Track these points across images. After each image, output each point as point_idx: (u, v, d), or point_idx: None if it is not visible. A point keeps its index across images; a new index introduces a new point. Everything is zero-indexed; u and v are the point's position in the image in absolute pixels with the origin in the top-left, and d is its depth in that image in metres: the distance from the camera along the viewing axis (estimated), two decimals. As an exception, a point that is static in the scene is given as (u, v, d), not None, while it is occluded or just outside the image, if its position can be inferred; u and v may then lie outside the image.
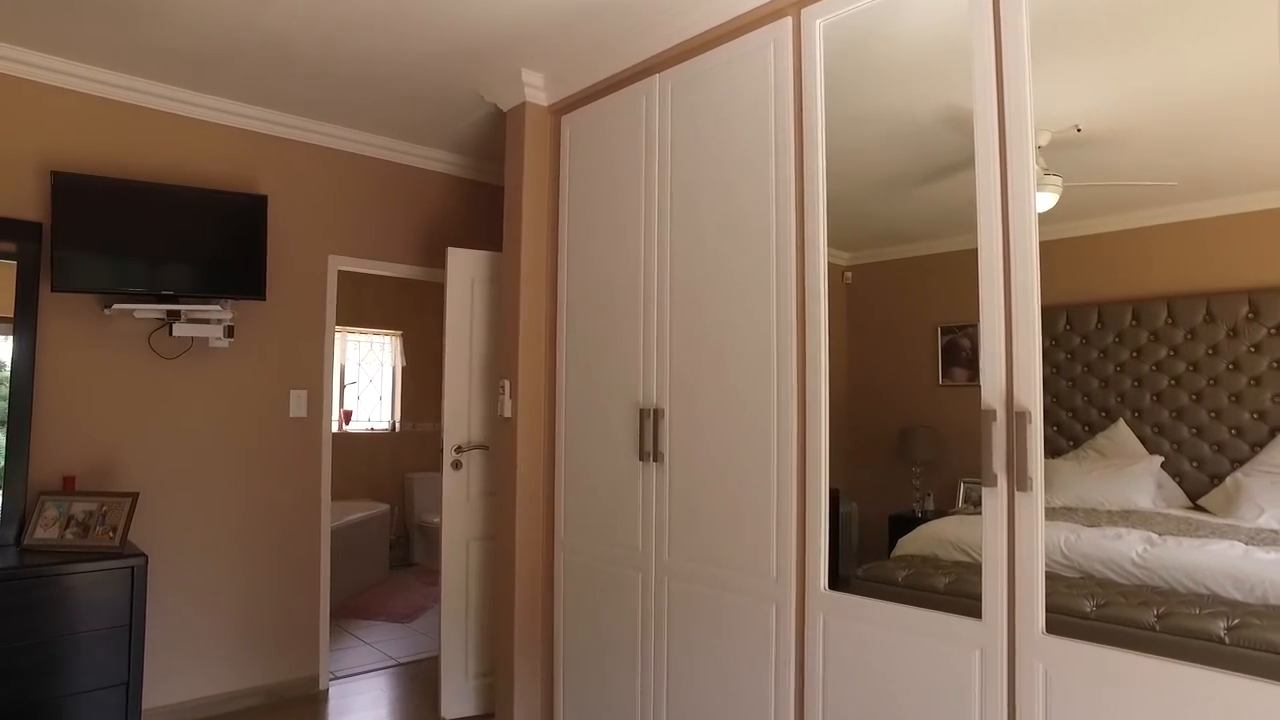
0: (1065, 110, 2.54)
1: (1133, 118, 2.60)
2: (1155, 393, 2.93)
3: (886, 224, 3.12)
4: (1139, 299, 2.98)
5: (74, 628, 2.77)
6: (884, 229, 3.13)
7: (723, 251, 2.57)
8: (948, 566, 2.62)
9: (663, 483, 2.73)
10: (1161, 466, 2.86)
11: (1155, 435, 2.92)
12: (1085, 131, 2.59)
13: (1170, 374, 2.90)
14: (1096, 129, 2.60)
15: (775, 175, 2.42)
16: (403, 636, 4.77)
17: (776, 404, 2.38)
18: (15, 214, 3.16)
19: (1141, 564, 2.44)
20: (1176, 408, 2.86)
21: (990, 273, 1.91)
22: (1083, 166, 2.69)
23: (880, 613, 2.12)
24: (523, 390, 3.28)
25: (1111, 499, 2.91)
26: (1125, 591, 2.34)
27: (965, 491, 2.95)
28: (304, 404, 3.85)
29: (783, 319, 2.37)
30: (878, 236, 3.12)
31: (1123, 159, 2.73)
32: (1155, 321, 2.95)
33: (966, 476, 2.86)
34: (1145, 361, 2.97)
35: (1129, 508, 2.86)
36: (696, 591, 2.59)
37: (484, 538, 3.61)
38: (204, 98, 3.55)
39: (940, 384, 3.01)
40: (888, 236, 3.12)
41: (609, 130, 3.05)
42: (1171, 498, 2.83)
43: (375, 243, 4.14)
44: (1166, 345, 2.92)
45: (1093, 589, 2.36)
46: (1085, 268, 2.98)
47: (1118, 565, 2.47)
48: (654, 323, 2.80)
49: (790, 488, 2.33)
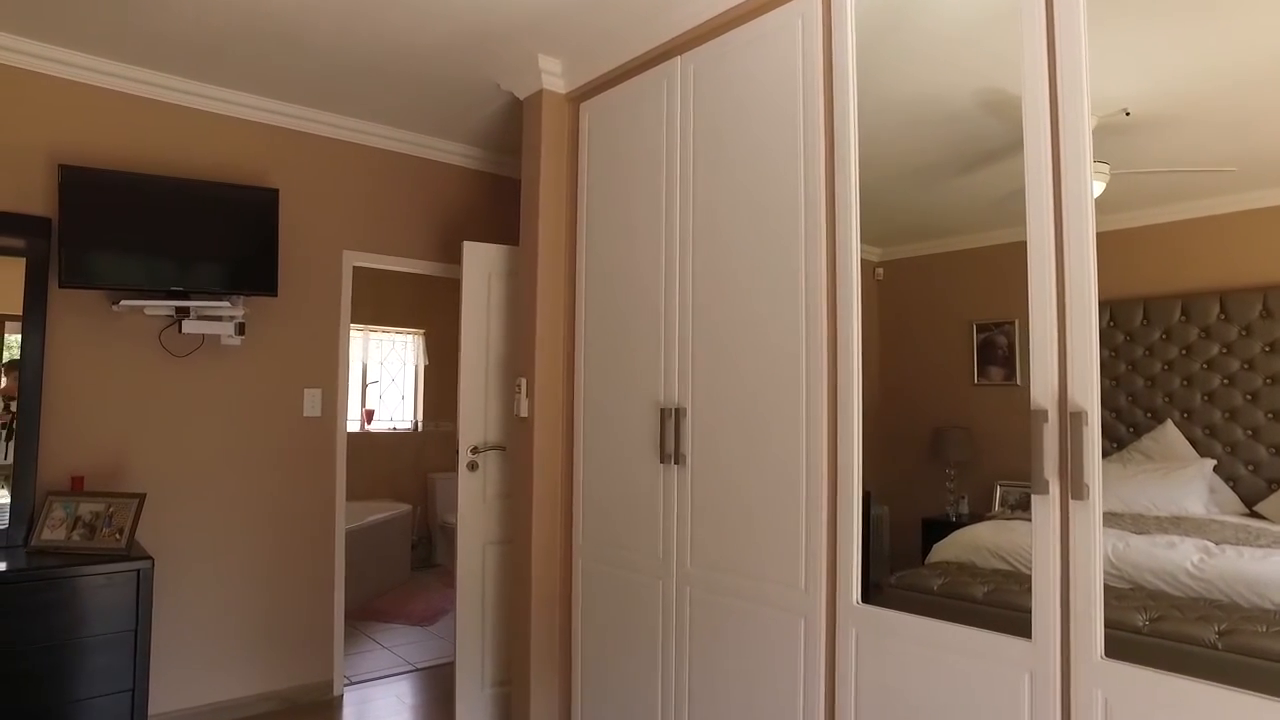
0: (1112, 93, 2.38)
1: (1185, 100, 2.44)
2: (1206, 392, 2.76)
3: (919, 218, 2.99)
4: (1189, 293, 2.80)
5: (78, 632, 2.69)
6: (916, 223, 2.99)
7: (748, 242, 2.43)
8: (986, 575, 2.49)
9: (684, 486, 2.59)
10: (1214, 470, 2.69)
11: (1206, 437, 2.74)
12: (1134, 115, 2.43)
13: (1223, 372, 2.72)
14: (1146, 113, 2.43)
15: (803, 161, 2.28)
16: (422, 640, 4.68)
17: (805, 403, 2.24)
18: (24, 209, 3.10)
19: (1198, 575, 2.27)
20: (1230, 408, 2.69)
21: (1041, 263, 1.75)
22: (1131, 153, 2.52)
23: (918, 629, 1.97)
24: (540, 389, 3.16)
25: (1160, 504, 2.74)
26: (1180, 605, 2.18)
27: (1002, 495, 2.84)
28: (318, 403, 3.76)
29: (812, 314, 2.23)
30: (910, 231, 2.99)
31: (1174, 145, 2.56)
32: (1207, 317, 2.77)
33: (1003, 479, 2.75)
34: (1195, 359, 2.79)
35: (1179, 514, 2.69)
36: (720, 602, 2.45)
37: (501, 542, 3.49)
38: (214, 89, 3.47)
39: (975, 383, 2.90)
40: (920, 231, 2.99)
41: (628, 117, 2.93)
42: (1225, 503, 2.65)
43: (391, 238, 4.05)
44: (1219, 342, 2.74)
45: (1144, 601, 2.20)
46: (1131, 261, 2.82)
47: (1171, 576, 2.30)
48: (675, 318, 2.67)
49: (820, 493, 2.19)
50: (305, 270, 3.76)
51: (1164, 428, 2.83)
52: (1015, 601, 2.21)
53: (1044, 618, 1.71)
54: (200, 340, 3.44)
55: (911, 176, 2.85)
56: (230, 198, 3.34)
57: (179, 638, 3.37)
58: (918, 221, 2.98)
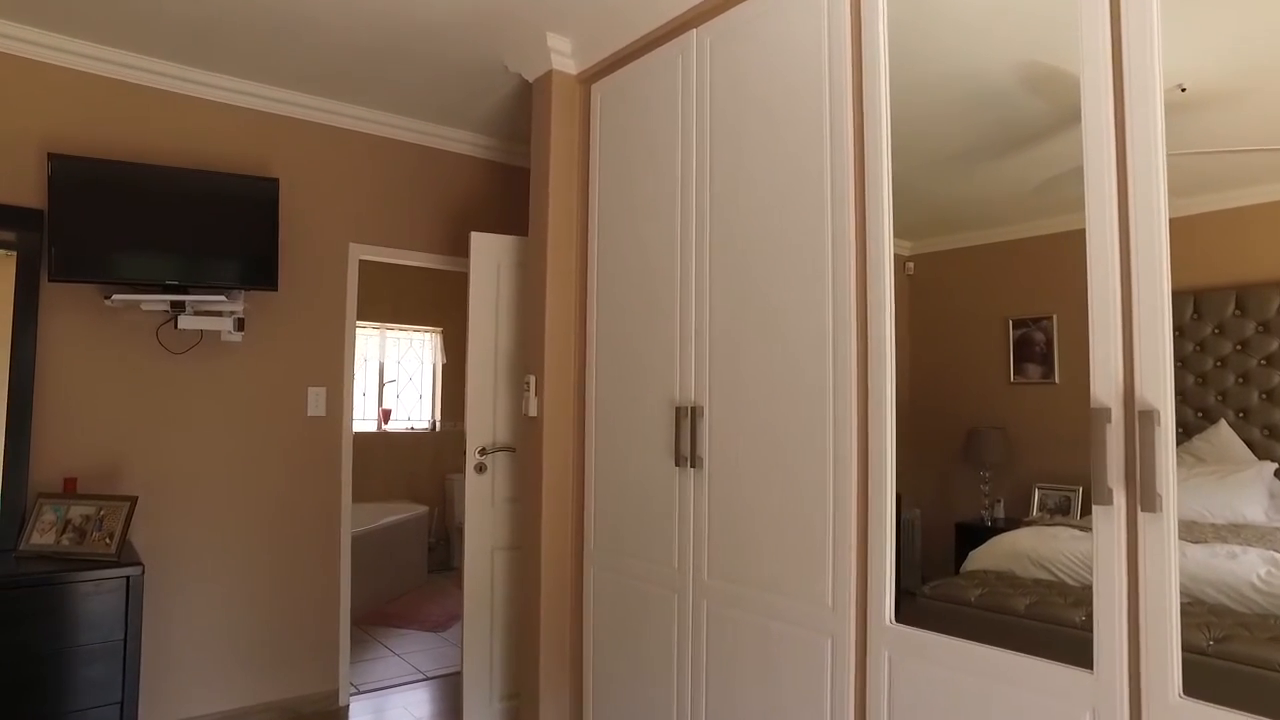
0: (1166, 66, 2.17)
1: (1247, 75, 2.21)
2: (1265, 391, 2.53)
3: (953, 208, 2.80)
4: (1245, 285, 2.58)
5: (64, 642, 2.56)
6: (949, 214, 2.80)
7: (770, 228, 2.24)
8: (1027, 585, 2.29)
9: (701, 491, 2.40)
10: (1275, 474, 2.47)
11: (1266, 439, 2.52)
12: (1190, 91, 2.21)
13: (1284, 369, 2.49)
14: (1203, 88, 2.21)
15: (830, 139, 2.08)
16: (434, 647, 4.53)
17: (833, 403, 2.04)
18: (15, 201, 2.98)
19: (1267, 589, 2.05)
20: (1292, 407, 2.46)
21: (1102, 247, 1.54)
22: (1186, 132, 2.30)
23: (959, 654, 1.77)
24: (549, 386, 2.98)
25: (1216, 511, 2.52)
26: (1248, 623, 1.96)
27: (1040, 498, 2.66)
28: (323, 402, 3.62)
29: (839, 304, 2.04)
30: (941, 223, 2.80)
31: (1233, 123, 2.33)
32: (1265, 311, 2.54)
33: (1041, 481, 2.57)
34: (1252, 356, 2.56)
35: (1238, 521, 2.47)
36: (739, 618, 2.26)
37: (509, 547, 3.32)
38: (212, 76, 3.33)
39: (1011, 381, 2.73)
40: (953, 222, 2.81)
41: (643, 96, 2.74)
42: (1289, 509, 2.43)
43: (399, 230, 3.90)
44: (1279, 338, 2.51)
45: (1207, 618, 1.99)
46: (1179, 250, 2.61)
47: (1234, 590, 2.09)
48: (692, 310, 2.48)
49: (849, 501, 1.99)
50: (309, 264, 3.61)
51: (1217, 428, 2.62)
52: (1061, 615, 2.02)
53: (1108, 647, 1.50)
54: (199, 337, 3.31)
55: (943, 164, 2.66)
56: (228, 188, 3.20)
57: (176, 646, 3.24)
58: (949, 213, 2.80)
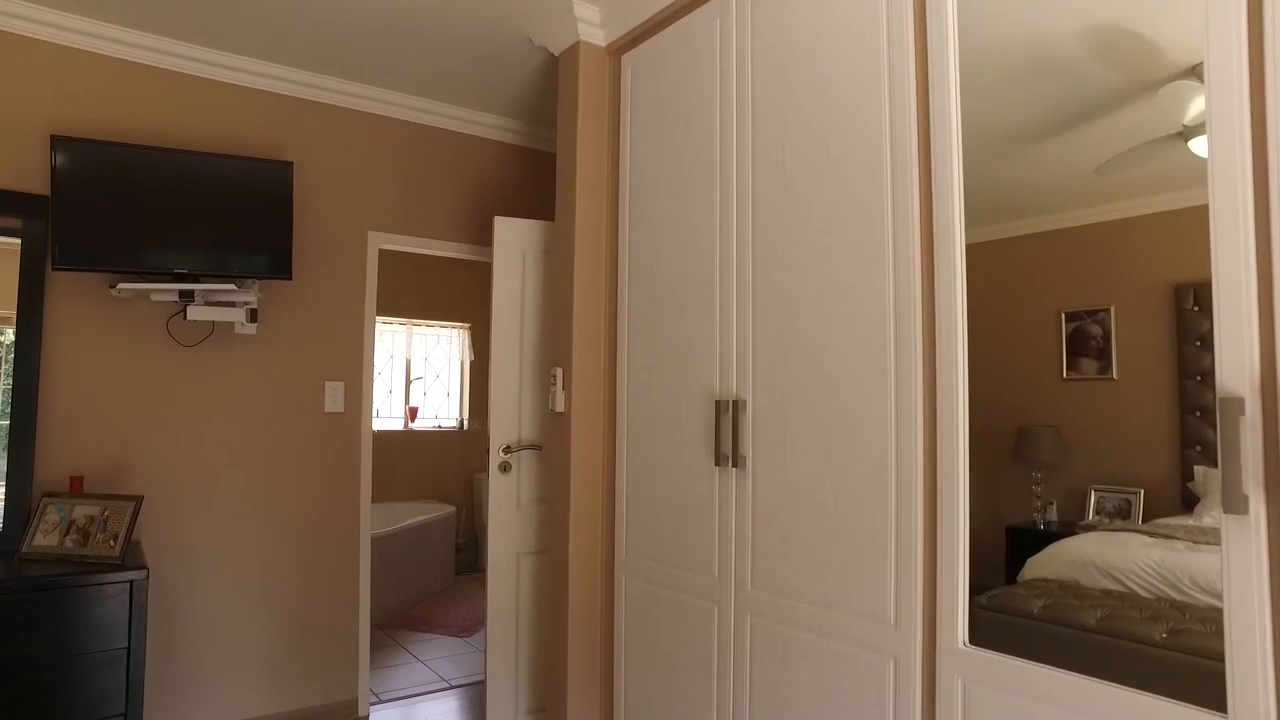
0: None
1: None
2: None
3: (1001, 194, 2.57)
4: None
5: (65, 650, 2.41)
6: (998, 201, 2.57)
7: (822, 206, 2.01)
8: (1095, 597, 2.05)
9: (744, 493, 2.18)
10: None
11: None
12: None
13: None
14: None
15: (889, 105, 1.85)
16: (460, 653, 4.35)
17: (894, 394, 1.81)
18: (19, 186, 2.85)
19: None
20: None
21: (1233, 215, 1.29)
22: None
23: (1051, 684, 1.52)
24: (578, 379, 2.78)
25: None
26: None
27: (1097, 502, 2.43)
28: (341, 397, 3.45)
29: (902, 287, 1.80)
30: (989, 210, 2.57)
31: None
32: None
33: (1097, 483, 2.34)
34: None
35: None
36: (788, 634, 2.03)
37: (536, 552, 3.13)
38: (223, 56, 3.18)
39: (1064, 378, 2.50)
40: (1002, 210, 2.58)
41: (677, 65, 2.52)
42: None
43: (419, 218, 3.72)
44: None
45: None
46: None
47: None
48: (733, 296, 2.25)
49: (914, 506, 1.76)
50: (326, 253, 3.45)
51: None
52: (1137, 631, 1.78)
53: (1248, 689, 1.25)
54: (210, 328, 3.15)
55: (993, 145, 2.41)
56: (240, 172, 3.04)
57: (186, 652, 3.09)
58: (998, 200, 2.56)
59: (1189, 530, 1.84)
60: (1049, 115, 2.24)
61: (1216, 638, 1.57)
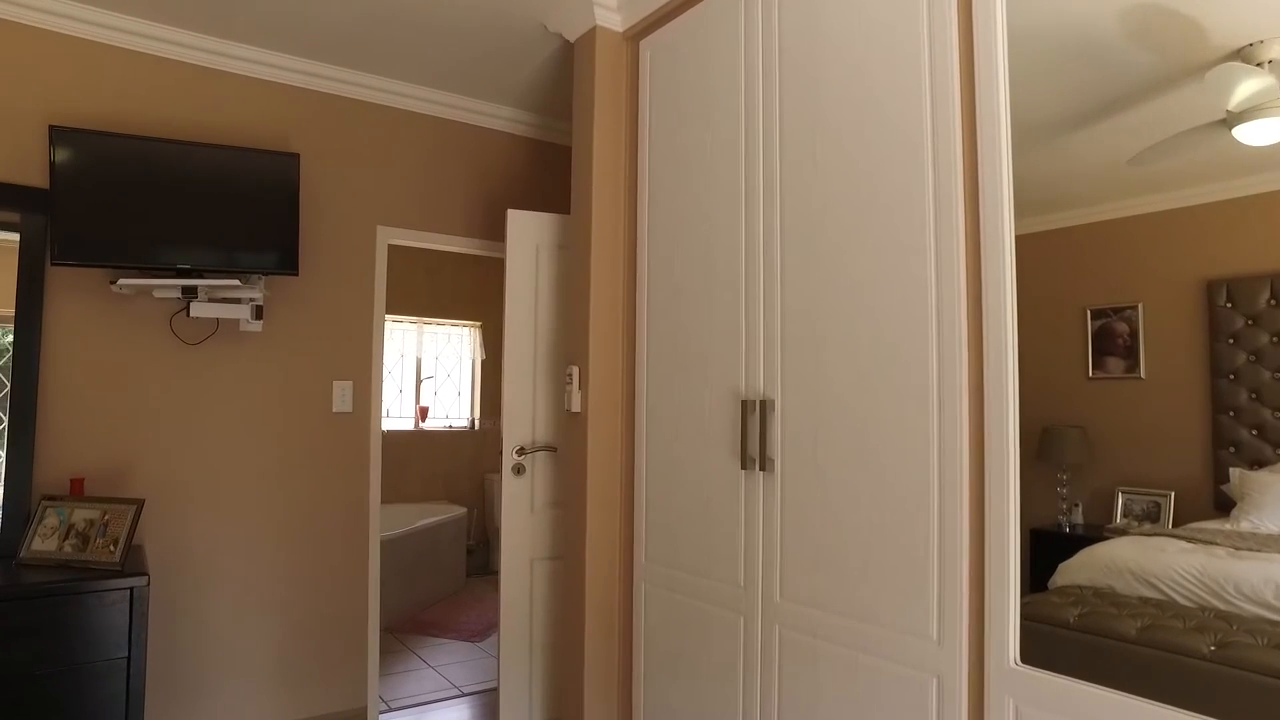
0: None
1: None
2: None
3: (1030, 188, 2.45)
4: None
5: (62, 660, 2.32)
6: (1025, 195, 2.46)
7: (857, 193, 1.89)
8: (1133, 605, 1.93)
9: (772, 498, 2.06)
10: None
11: None
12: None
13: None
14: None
15: (930, 84, 1.73)
16: (472, 659, 4.25)
17: (936, 392, 1.69)
18: (19, 179, 2.76)
19: None
20: None
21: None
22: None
23: (1121, 712, 1.40)
24: (595, 378, 2.67)
25: None
26: None
27: (1125, 504, 2.32)
28: (349, 397, 3.35)
29: (946, 278, 1.68)
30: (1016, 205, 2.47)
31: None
32: None
33: (1124, 485, 2.23)
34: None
35: None
36: (820, 648, 1.91)
37: (551, 557, 3.02)
38: (228, 45, 3.08)
39: (1090, 377, 2.40)
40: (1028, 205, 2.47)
41: (699, 49, 2.41)
42: None
43: (430, 213, 3.62)
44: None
45: None
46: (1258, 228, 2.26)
47: None
48: (760, 288, 2.14)
49: (959, 511, 1.64)
50: (333, 248, 3.35)
51: None
52: (1182, 643, 1.66)
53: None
54: (215, 326, 3.06)
55: (1020, 137, 2.30)
56: (245, 164, 2.94)
57: (190, 660, 2.99)
58: (1025, 194, 2.45)
59: (1228, 535, 1.74)
60: (1081, 104, 2.12)
61: (1272, 652, 1.45)
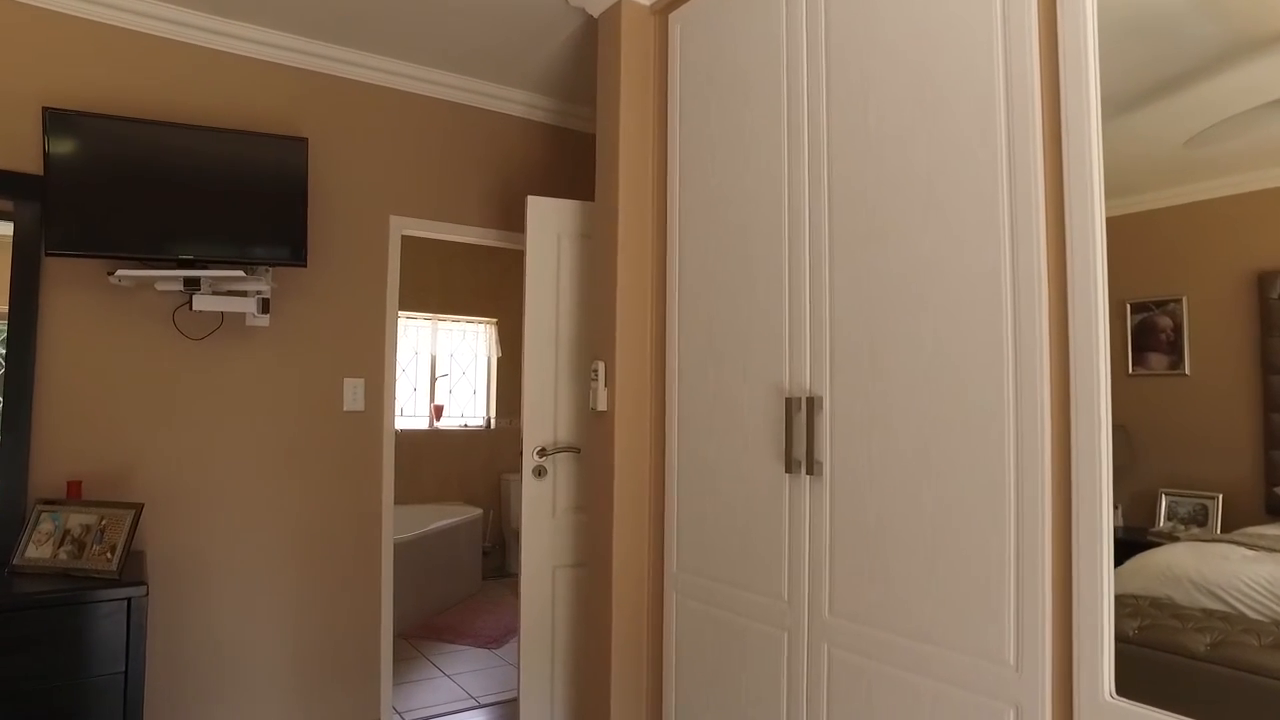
0: None
1: None
2: None
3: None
4: None
5: (55, 677, 2.17)
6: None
7: (914, 167, 1.71)
8: (1196, 617, 1.75)
9: (821, 504, 1.88)
10: None
11: None
12: None
13: None
14: None
15: (1003, 41, 1.55)
16: (489, 666, 4.09)
17: (1013, 387, 1.51)
18: (12, 166, 2.62)
19: None
20: None
21: None
22: None
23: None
24: (621, 374, 2.49)
25: None
26: None
27: (1169, 507, 2.14)
28: (360, 395, 3.19)
29: (1023, 258, 1.50)
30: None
31: None
32: None
33: (1168, 487, 2.06)
34: None
35: None
36: (875, 671, 1.73)
37: (574, 565, 2.85)
38: (232, 24, 2.93)
39: (1130, 373, 2.24)
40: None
41: (733, 21, 2.23)
42: None
43: (445, 202, 3.45)
44: None
45: None
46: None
47: None
48: (805, 275, 1.96)
49: (1039, 520, 1.46)
50: (344, 238, 3.19)
51: None
52: (1257, 661, 1.48)
53: None
54: (219, 320, 2.91)
55: None
56: (250, 149, 2.78)
57: (193, 672, 2.85)
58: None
59: (1291, 542, 1.56)
60: (1136, 82, 1.93)
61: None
